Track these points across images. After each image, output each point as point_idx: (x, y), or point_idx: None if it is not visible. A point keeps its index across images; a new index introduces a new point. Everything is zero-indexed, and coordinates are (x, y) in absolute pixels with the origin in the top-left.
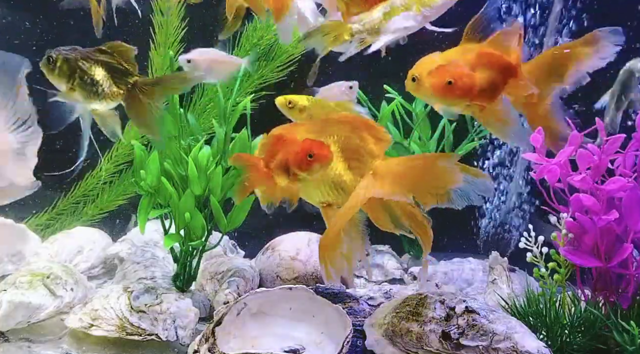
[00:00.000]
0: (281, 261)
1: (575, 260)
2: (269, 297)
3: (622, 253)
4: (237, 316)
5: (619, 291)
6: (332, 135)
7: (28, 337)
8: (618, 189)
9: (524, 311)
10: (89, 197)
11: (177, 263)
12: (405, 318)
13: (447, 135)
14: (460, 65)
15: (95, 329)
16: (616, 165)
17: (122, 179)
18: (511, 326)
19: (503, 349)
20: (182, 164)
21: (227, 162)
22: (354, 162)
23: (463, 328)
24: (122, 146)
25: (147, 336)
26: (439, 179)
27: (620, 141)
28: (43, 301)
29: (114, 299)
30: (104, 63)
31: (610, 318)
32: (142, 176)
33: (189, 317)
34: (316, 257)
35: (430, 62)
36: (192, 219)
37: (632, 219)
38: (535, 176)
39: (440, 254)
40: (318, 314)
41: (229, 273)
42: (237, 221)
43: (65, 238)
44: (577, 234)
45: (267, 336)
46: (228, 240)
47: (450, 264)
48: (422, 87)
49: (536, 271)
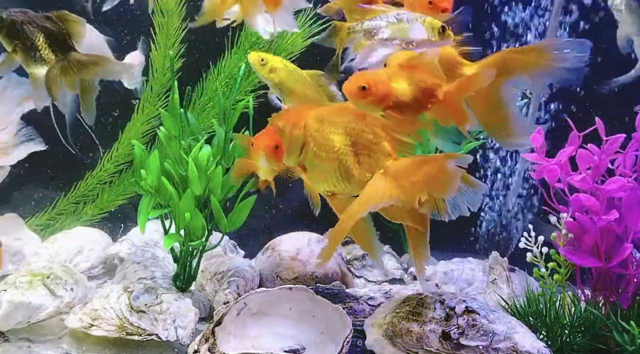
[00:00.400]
0: (281, 261)
1: (575, 260)
2: (269, 297)
3: (622, 253)
4: (237, 316)
5: (619, 291)
6: (343, 126)
7: (28, 337)
8: (618, 189)
9: (524, 311)
10: (89, 197)
11: (177, 263)
12: (405, 318)
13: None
14: (379, 74)
15: (95, 329)
16: (616, 165)
17: (122, 179)
18: (511, 326)
19: (503, 349)
20: (183, 164)
21: (228, 162)
22: (365, 158)
23: (463, 328)
24: (122, 146)
25: (147, 336)
26: (443, 183)
27: (620, 141)
28: (43, 301)
29: (114, 299)
30: (46, 29)
31: (610, 318)
32: (143, 175)
33: (189, 317)
34: (316, 258)
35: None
36: (192, 219)
37: (632, 219)
38: (535, 176)
39: (440, 254)
40: (318, 314)
41: (229, 273)
42: (238, 222)
43: (65, 238)
44: (577, 234)
45: (267, 336)
46: (228, 240)
47: (450, 264)
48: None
49: (536, 271)
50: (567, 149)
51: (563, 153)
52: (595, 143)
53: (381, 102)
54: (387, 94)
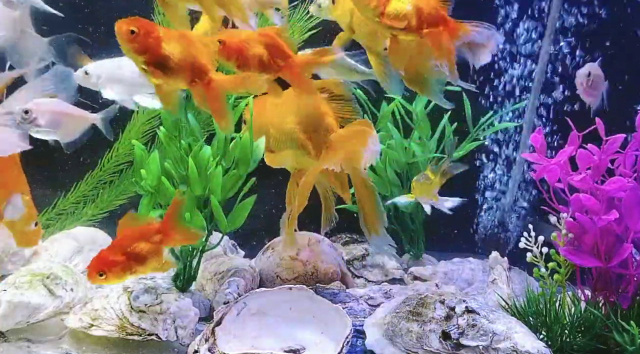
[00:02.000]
0: (281, 261)
1: (575, 260)
2: (269, 297)
3: (622, 253)
4: (237, 316)
5: (619, 291)
6: (294, 109)
7: (28, 337)
8: (618, 189)
9: (524, 311)
10: (89, 197)
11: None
12: (405, 318)
13: (447, 135)
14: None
15: (95, 329)
16: (616, 165)
17: (122, 179)
18: (511, 326)
19: (503, 349)
20: (183, 164)
21: (228, 162)
22: (314, 135)
23: (463, 328)
24: (122, 146)
25: (147, 336)
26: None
27: (620, 141)
28: (43, 301)
29: (114, 299)
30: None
31: (610, 318)
32: (143, 175)
33: (189, 317)
34: (316, 258)
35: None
36: (192, 219)
37: (632, 219)
38: (534, 176)
39: (440, 254)
40: (318, 314)
41: (229, 273)
42: (238, 222)
43: (65, 238)
44: (577, 234)
45: (267, 336)
46: (228, 240)
47: (450, 264)
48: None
49: (536, 271)
50: (567, 149)
51: (563, 153)
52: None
53: (144, 53)
54: (152, 47)
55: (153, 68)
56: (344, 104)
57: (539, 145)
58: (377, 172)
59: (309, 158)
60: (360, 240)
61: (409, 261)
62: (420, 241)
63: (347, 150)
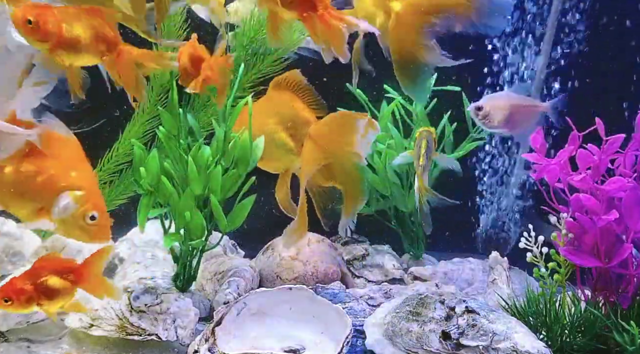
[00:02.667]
0: (281, 261)
1: (575, 260)
2: (269, 297)
3: (622, 253)
4: (237, 316)
5: (619, 291)
6: (272, 109)
7: (28, 337)
8: (618, 189)
9: (524, 311)
10: None
11: (177, 263)
12: (405, 318)
13: (447, 135)
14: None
15: (95, 329)
16: (616, 165)
17: (122, 179)
18: (511, 326)
19: (503, 349)
20: (182, 163)
21: (227, 162)
22: (293, 131)
23: (463, 328)
24: (122, 146)
25: (147, 336)
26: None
27: (620, 140)
28: None
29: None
30: None
31: (610, 318)
32: (142, 174)
33: (189, 317)
34: (316, 258)
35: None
36: (192, 219)
37: (632, 219)
38: (534, 176)
39: (440, 254)
40: (318, 314)
41: (229, 273)
42: (238, 221)
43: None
44: (577, 234)
45: (267, 336)
46: (228, 240)
47: (450, 264)
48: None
49: (536, 271)
50: (567, 148)
51: (563, 153)
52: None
53: (47, 41)
54: (54, 33)
55: (60, 51)
56: (305, 95)
57: (538, 145)
58: (377, 172)
59: (295, 156)
60: (360, 240)
61: (409, 261)
62: (420, 241)
63: (330, 138)
